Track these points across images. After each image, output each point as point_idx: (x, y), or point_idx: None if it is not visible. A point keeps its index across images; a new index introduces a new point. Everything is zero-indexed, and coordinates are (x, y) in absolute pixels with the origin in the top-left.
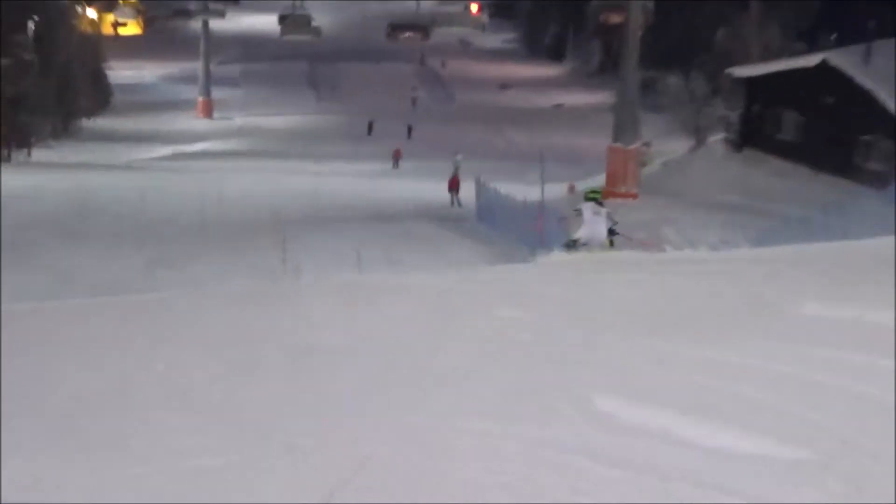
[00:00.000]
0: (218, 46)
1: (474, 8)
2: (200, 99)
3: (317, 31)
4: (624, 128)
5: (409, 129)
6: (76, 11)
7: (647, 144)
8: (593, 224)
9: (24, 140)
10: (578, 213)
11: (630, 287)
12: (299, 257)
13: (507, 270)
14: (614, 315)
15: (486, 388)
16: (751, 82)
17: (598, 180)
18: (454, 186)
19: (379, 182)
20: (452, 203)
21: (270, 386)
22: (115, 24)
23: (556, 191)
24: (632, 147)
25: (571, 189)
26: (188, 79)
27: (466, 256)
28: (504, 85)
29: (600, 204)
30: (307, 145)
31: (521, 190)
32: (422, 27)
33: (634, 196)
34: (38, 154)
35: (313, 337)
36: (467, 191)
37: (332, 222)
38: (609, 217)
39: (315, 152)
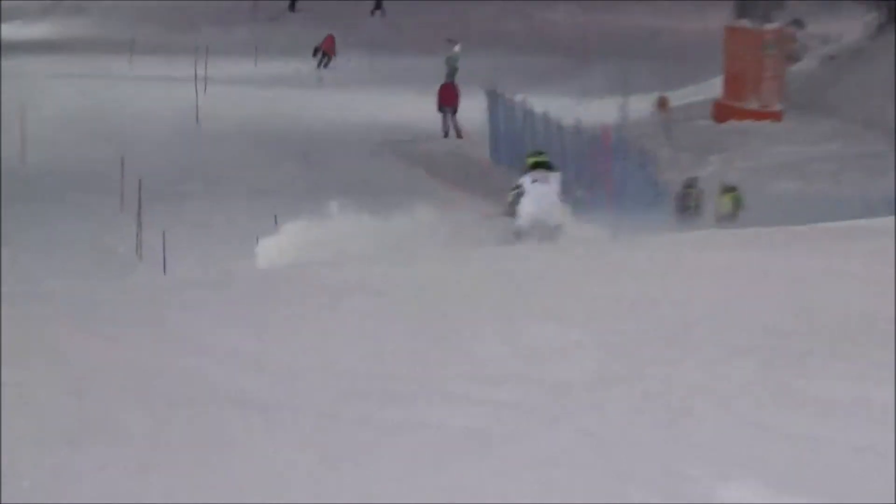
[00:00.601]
0: None
1: None
2: None
3: None
4: None
5: (379, 2)
6: None
7: (797, 23)
8: (540, 200)
9: None
10: (517, 190)
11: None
12: (163, 233)
13: (538, 250)
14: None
15: None
16: None
17: (713, 87)
18: (449, 101)
19: (309, 95)
20: (446, 130)
21: (124, 466)
22: None
23: (631, 108)
24: (770, 28)
25: (663, 104)
26: None
27: (472, 226)
28: None
29: (549, 168)
30: (179, 30)
31: (565, 107)
32: None
33: (776, 116)
34: None
35: (197, 376)
36: (471, 109)
37: (222, 165)
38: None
39: (192, 43)
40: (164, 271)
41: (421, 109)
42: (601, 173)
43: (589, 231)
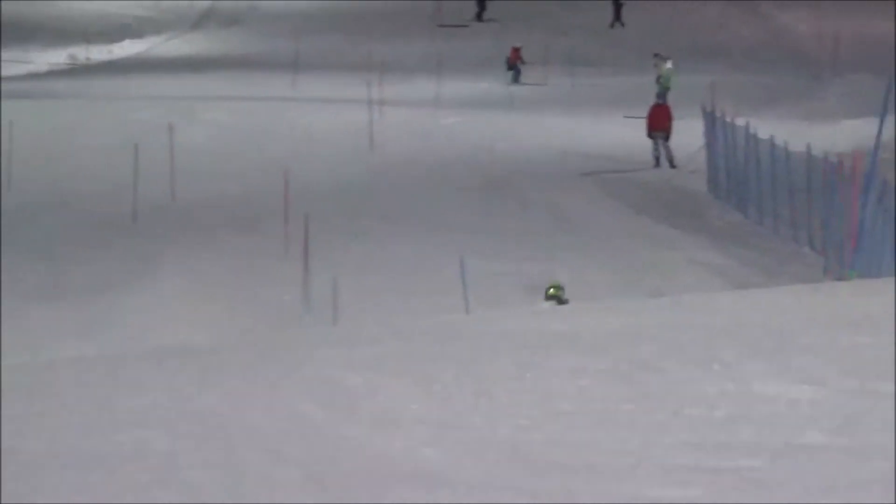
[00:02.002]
0: None
1: None
2: None
3: None
4: None
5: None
6: None
7: None
8: None
9: None
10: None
11: None
12: (333, 280)
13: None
14: None
15: None
16: None
17: None
18: (660, 125)
19: (499, 117)
20: (657, 158)
21: None
22: None
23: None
24: None
25: None
26: None
27: (690, 272)
28: None
29: (560, 302)
30: (349, 43)
31: (793, 131)
32: None
33: None
34: None
35: (375, 449)
36: (686, 134)
37: (398, 199)
38: None
39: (365, 58)
40: (335, 323)
41: (628, 134)
42: (839, 209)
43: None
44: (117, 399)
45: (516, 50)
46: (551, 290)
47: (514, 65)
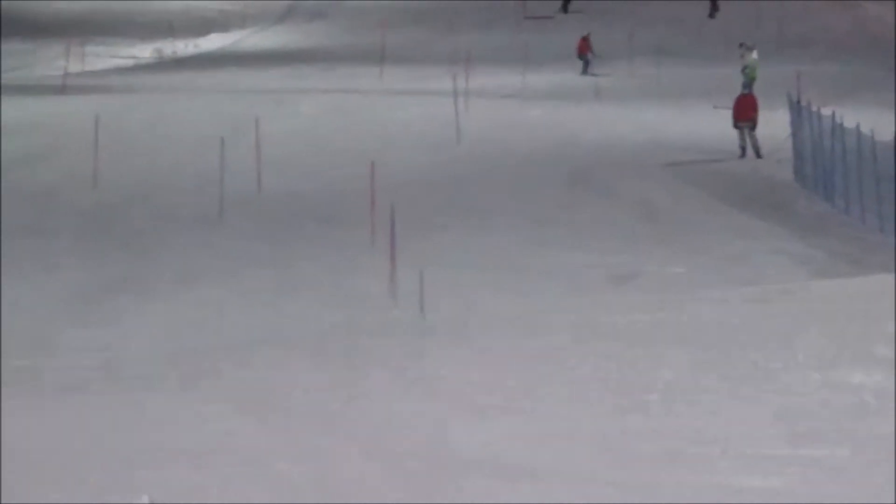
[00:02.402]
0: None
1: None
2: None
3: None
4: None
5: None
6: None
7: None
8: None
9: None
10: None
11: None
12: (420, 272)
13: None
14: None
15: None
16: None
17: None
18: (745, 116)
19: (585, 109)
20: (743, 149)
21: None
22: None
23: None
24: None
25: None
26: None
27: (776, 262)
28: None
29: None
30: (435, 35)
31: (888, 121)
32: None
33: None
34: None
35: (457, 439)
36: (774, 124)
37: (485, 192)
38: None
39: (450, 50)
40: (422, 315)
41: (714, 125)
42: None
43: None
44: (204, 391)
45: (585, 39)
46: None
47: (583, 54)
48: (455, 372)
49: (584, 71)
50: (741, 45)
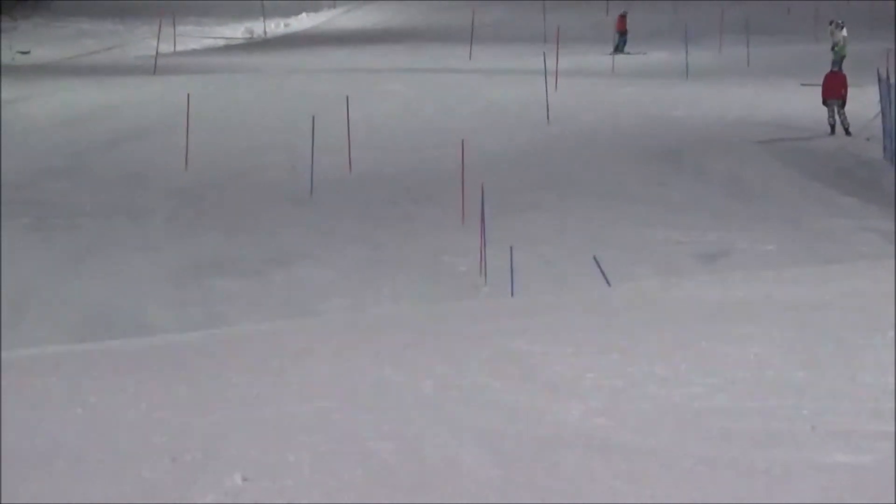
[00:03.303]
0: None
1: None
2: None
3: None
4: None
5: None
6: None
7: None
8: None
9: None
10: None
11: None
12: (510, 249)
13: None
14: None
15: None
16: None
17: None
18: (835, 93)
19: (674, 87)
20: (832, 126)
21: None
22: None
23: None
24: None
25: None
26: None
27: (865, 239)
28: None
29: None
30: (523, 15)
31: None
32: None
33: None
34: None
35: (553, 417)
36: (863, 102)
37: (576, 171)
38: None
39: (541, 29)
40: (512, 294)
41: (803, 102)
42: None
43: None
44: (296, 369)
45: (622, 17)
46: None
47: (621, 32)
48: (545, 351)
49: (617, 49)
50: (831, 22)
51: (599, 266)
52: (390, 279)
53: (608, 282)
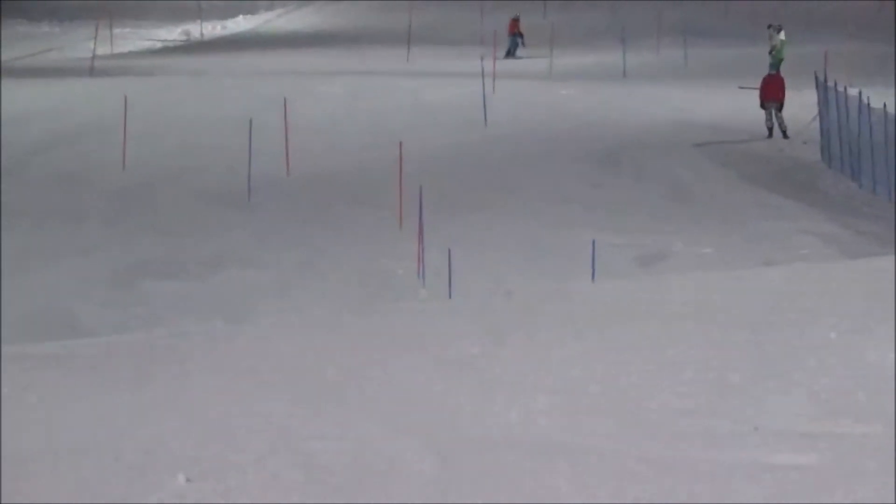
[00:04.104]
0: None
1: None
2: None
3: None
4: None
5: None
6: None
7: None
8: None
9: None
10: None
11: None
12: (448, 251)
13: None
14: None
15: None
16: None
17: None
18: (773, 96)
19: (612, 89)
20: (770, 129)
21: None
22: None
23: None
24: None
25: None
26: None
27: (804, 241)
28: None
29: None
30: (463, 15)
31: None
32: None
33: None
34: None
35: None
36: (800, 105)
37: (512, 172)
38: None
39: (478, 31)
40: (450, 296)
41: (740, 105)
42: None
43: None
44: (235, 371)
45: (515, 20)
46: None
47: (514, 35)
48: (484, 352)
49: (509, 53)
50: (769, 26)
51: (593, 255)
52: (328, 282)
53: (593, 275)
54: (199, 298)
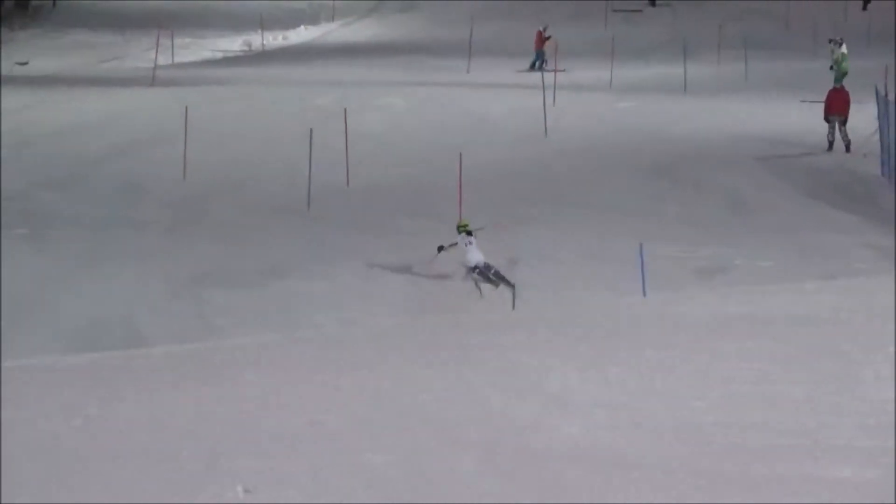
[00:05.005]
0: None
1: None
2: None
3: None
4: None
5: None
6: None
7: None
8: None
9: None
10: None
11: None
12: (512, 260)
13: None
14: None
15: None
16: None
17: None
18: (838, 110)
19: (673, 102)
20: (831, 142)
21: None
22: None
23: None
24: None
25: None
26: None
27: (863, 255)
28: None
29: (469, 234)
30: (522, 29)
31: None
32: None
33: None
34: None
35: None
36: (860, 118)
37: (573, 185)
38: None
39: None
40: (512, 307)
41: (801, 118)
42: None
43: None
44: (293, 381)
45: (540, 32)
46: (461, 226)
47: (538, 49)
48: (546, 364)
49: (534, 66)
50: (831, 41)
51: (643, 267)
52: (386, 292)
53: (644, 288)
54: (257, 308)
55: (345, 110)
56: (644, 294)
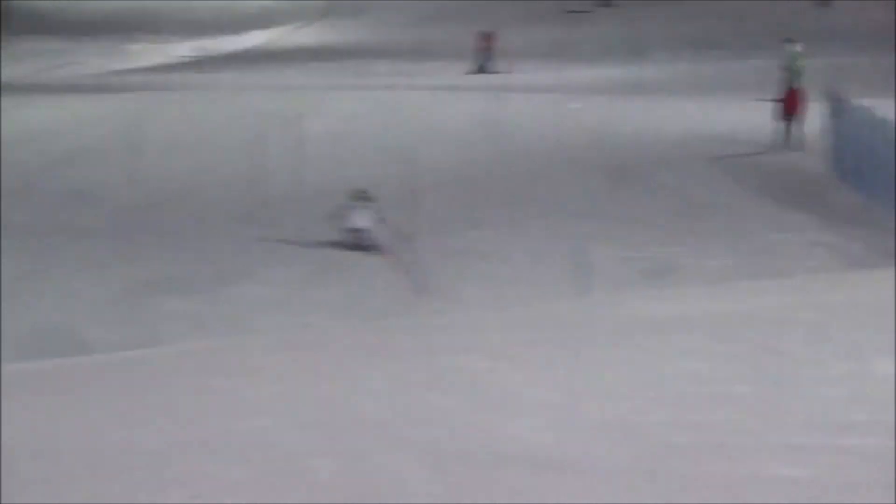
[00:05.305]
0: None
1: None
2: None
3: None
4: None
5: None
6: None
7: None
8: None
9: None
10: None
11: None
12: (460, 262)
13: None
14: None
15: None
16: None
17: None
18: (791, 108)
19: (624, 102)
20: (781, 142)
21: None
22: None
23: None
24: None
25: None
26: None
27: (813, 254)
28: None
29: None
30: (472, 31)
31: None
32: None
33: None
34: None
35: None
36: (811, 117)
37: (520, 186)
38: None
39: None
40: (454, 310)
41: (751, 118)
42: None
43: None
44: (237, 388)
45: (488, 34)
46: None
47: (478, 50)
48: (489, 367)
49: (481, 68)
50: (786, 40)
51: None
52: (332, 296)
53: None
54: (203, 314)
55: (298, 115)
56: (588, 294)
